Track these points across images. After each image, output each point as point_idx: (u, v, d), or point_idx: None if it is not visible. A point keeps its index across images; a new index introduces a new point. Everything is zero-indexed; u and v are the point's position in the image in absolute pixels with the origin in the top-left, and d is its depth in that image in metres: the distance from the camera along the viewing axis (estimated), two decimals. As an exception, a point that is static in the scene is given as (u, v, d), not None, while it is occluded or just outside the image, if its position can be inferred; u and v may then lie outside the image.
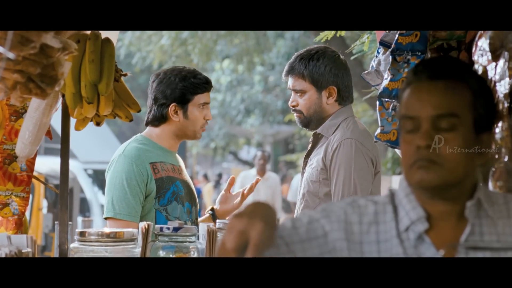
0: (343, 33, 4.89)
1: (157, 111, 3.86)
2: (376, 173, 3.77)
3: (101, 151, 14.80)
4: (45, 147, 13.95)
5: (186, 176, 3.97)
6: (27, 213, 10.52)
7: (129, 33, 17.64)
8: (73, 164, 12.80)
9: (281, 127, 25.03)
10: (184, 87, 3.83)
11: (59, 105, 3.41)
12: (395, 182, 11.89)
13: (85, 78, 3.26)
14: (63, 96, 3.36)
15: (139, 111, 3.48)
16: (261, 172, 12.77)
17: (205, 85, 3.87)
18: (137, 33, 16.98)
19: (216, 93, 23.64)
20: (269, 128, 24.92)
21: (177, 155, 4.00)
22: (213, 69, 22.50)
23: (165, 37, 15.82)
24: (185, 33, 15.50)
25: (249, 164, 25.26)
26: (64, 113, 3.45)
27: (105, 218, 3.73)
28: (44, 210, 10.47)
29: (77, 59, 3.24)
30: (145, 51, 17.35)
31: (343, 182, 3.66)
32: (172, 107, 3.84)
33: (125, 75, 3.43)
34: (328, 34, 4.87)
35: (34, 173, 10.00)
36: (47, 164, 10.61)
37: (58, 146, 3.42)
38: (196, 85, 3.84)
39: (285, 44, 20.58)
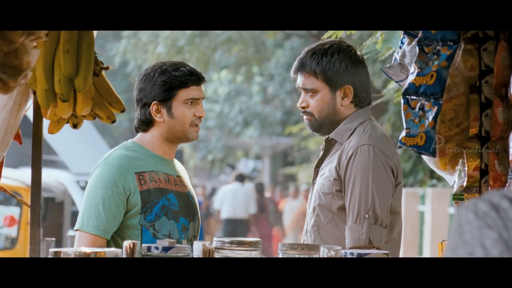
0: (353, 32, 4.61)
1: (140, 113, 3.53)
2: (397, 184, 3.44)
3: (95, 162, 14.49)
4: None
5: (187, 187, 3.60)
6: (14, 227, 10.02)
7: (124, 40, 17.53)
8: (65, 176, 12.53)
9: (280, 139, 25.09)
10: (163, 82, 3.47)
11: (30, 104, 3.16)
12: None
13: (59, 71, 3.00)
14: (34, 93, 3.09)
15: (122, 111, 3.22)
16: None
17: (188, 77, 3.48)
18: (133, 40, 16.91)
19: (214, 104, 23.71)
20: (268, 140, 24.99)
21: (176, 163, 3.61)
22: (210, 80, 22.42)
23: (161, 44, 15.77)
24: (182, 41, 15.44)
25: (247, 177, 25.07)
26: (35, 113, 3.22)
27: (76, 230, 3.37)
28: (33, 224, 10.11)
29: (50, 49, 3.00)
30: (141, 59, 17.25)
31: (359, 194, 3.35)
32: (153, 106, 3.49)
33: (106, 68, 3.14)
34: (337, 32, 4.59)
35: (22, 185, 9.47)
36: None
37: (49, 156, 3.11)
38: (177, 78, 3.47)
39: (285, 54, 20.53)
